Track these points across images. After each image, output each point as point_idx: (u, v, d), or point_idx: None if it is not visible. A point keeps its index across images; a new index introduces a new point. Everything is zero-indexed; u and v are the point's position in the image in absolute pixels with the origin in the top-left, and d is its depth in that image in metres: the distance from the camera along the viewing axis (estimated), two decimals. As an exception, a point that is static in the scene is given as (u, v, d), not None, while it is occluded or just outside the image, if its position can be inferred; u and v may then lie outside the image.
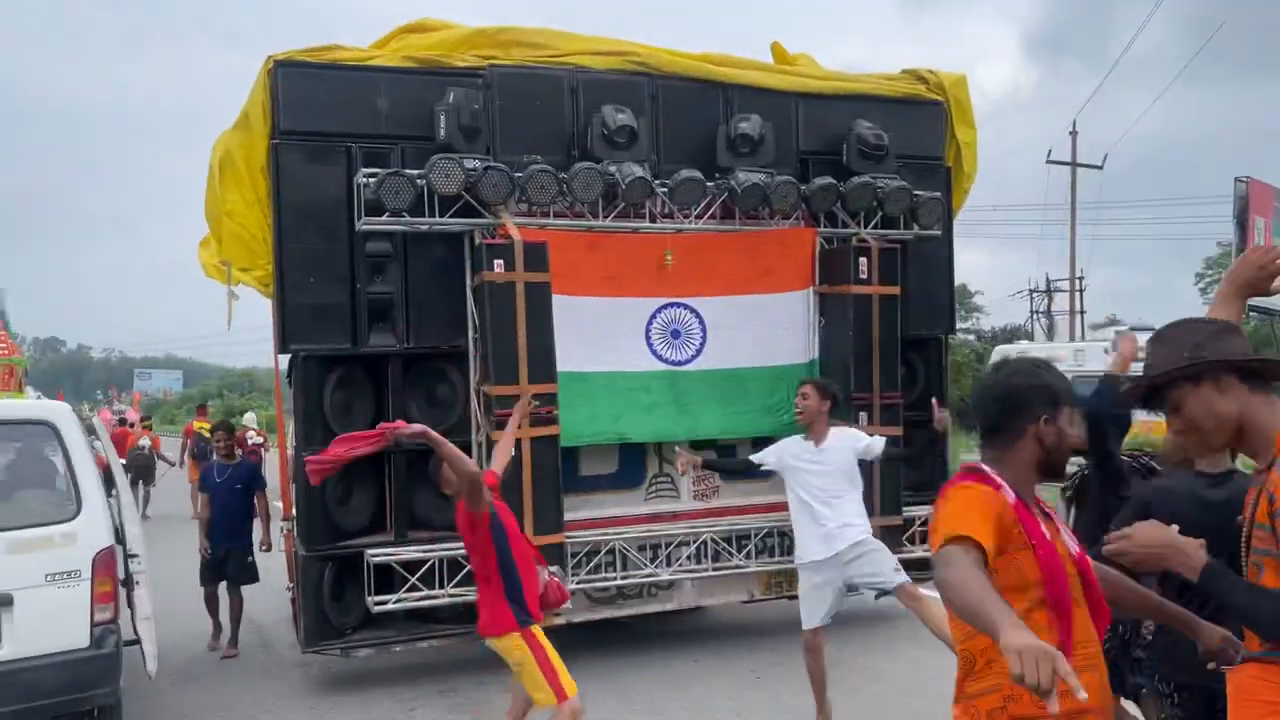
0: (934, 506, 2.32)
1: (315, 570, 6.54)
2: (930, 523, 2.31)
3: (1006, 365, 2.43)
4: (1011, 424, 2.32)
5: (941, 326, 7.95)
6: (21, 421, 5.51)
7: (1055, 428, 2.31)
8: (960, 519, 2.13)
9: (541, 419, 6.26)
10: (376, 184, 6.20)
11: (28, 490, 5.59)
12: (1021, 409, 2.31)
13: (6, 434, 5.52)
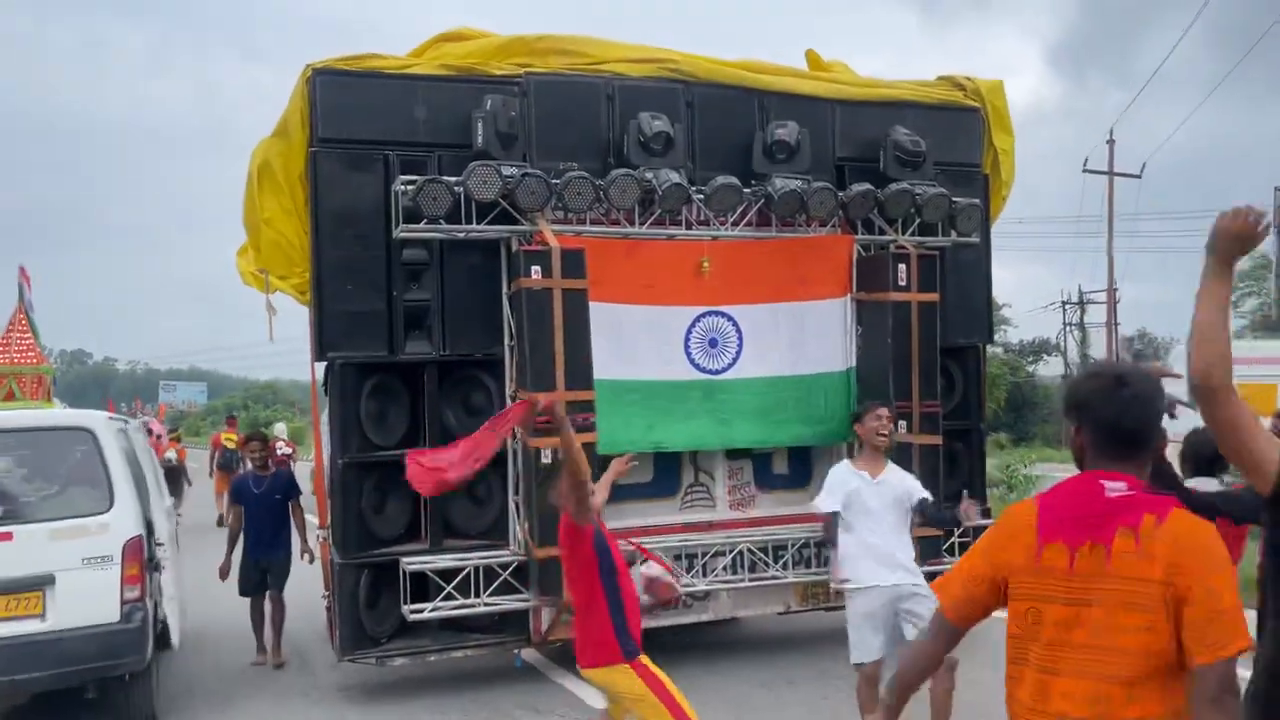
0: (1207, 557, 2.10)
1: (351, 578, 6.55)
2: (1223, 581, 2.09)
3: (1139, 378, 2.28)
4: (1153, 441, 2.30)
5: (979, 335, 7.89)
6: (66, 428, 6.38)
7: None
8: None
9: (578, 426, 6.22)
10: (415, 191, 6.22)
11: (69, 486, 6.28)
12: (1154, 426, 2.30)
13: (52, 438, 6.37)
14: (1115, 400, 2.23)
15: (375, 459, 6.63)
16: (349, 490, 6.55)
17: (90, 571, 5.83)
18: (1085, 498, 2.21)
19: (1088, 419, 2.29)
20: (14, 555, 5.72)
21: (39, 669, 5.63)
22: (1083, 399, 2.30)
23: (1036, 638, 2.20)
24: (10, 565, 5.70)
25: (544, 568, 6.22)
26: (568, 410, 6.15)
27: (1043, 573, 2.20)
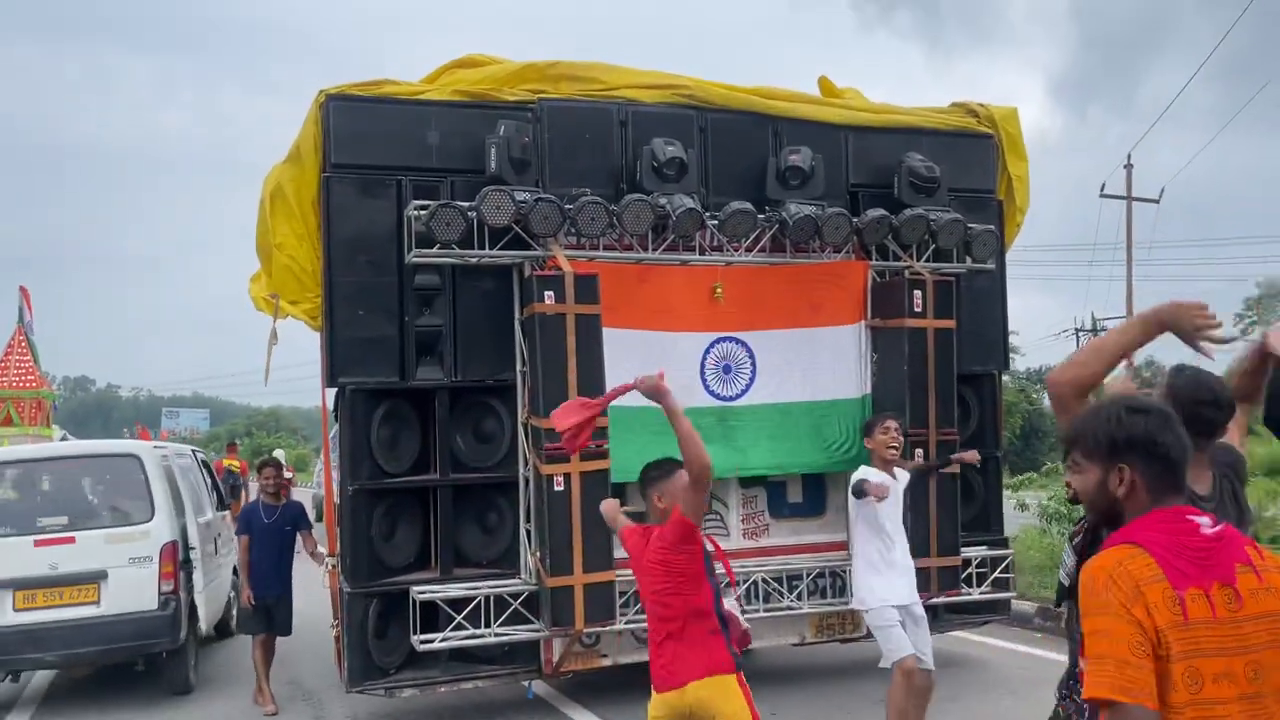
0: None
1: (360, 607, 6.49)
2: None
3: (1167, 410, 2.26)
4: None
5: (995, 362, 7.86)
6: (118, 455, 8.41)
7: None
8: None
9: (592, 453, 6.20)
10: (428, 216, 6.22)
11: (121, 500, 8.01)
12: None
13: (108, 463, 8.33)
14: (1172, 433, 2.15)
15: (386, 486, 6.60)
16: (358, 517, 6.51)
17: (135, 569, 7.49)
18: (1188, 537, 2.08)
19: (1143, 456, 2.15)
20: (76, 555, 7.42)
21: (94, 644, 7.35)
22: (1137, 437, 2.16)
23: (1213, 698, 1.97)
24: (73, 562, 7.39)
25: (556, 597, 6.16)
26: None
27: (1193, 626, 1.99)
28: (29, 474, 8.19)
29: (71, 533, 7.52)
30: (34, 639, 7.24)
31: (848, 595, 7.19)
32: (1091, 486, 2.22)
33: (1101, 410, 2.24)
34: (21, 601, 7.30)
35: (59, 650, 7.33)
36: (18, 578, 7.30)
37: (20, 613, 7.28)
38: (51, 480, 8.22)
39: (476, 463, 6.77)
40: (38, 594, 7.34)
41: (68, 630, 7.28)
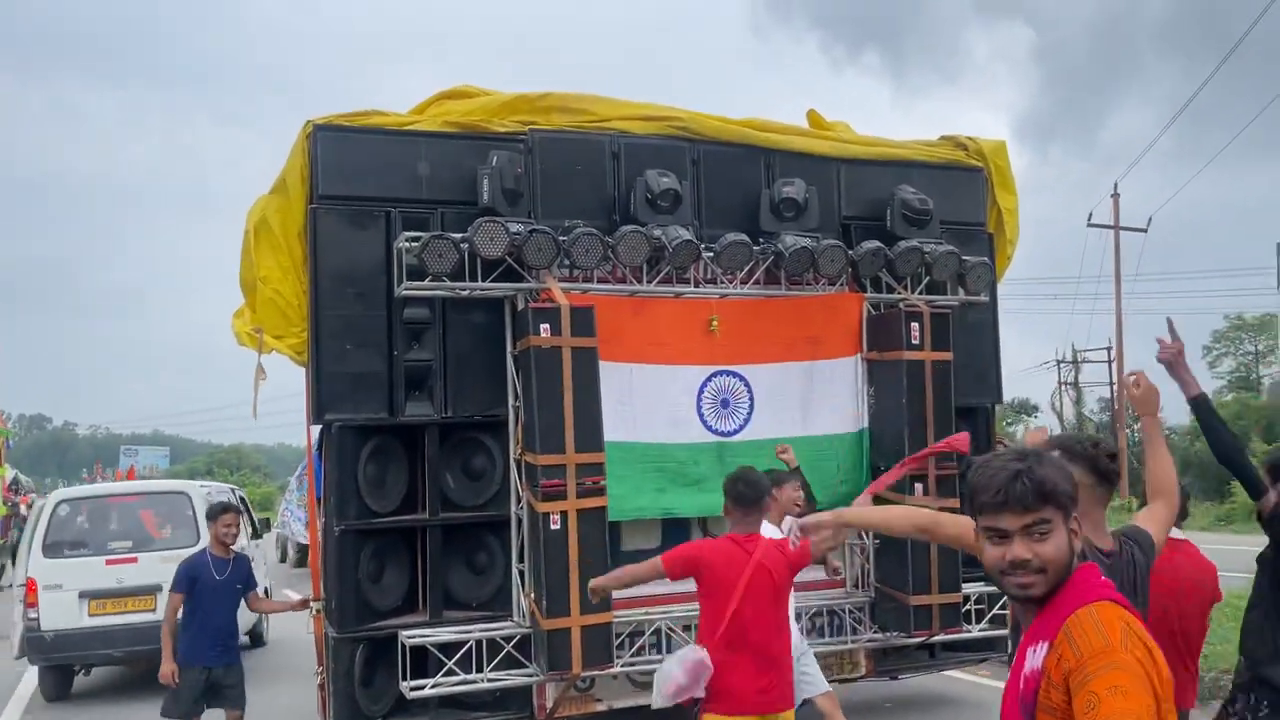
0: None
1: (346, 653, 6.27)
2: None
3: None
4: None
5: (988, 395, 7.81)
6: (172, 492, 10.79)
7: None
8: None
9: (588, 490, 6.05)
10: (420, 247, 6.08)
11: (173, 528, 10.10)
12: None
13: (163, 499, 10.54)
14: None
15: (373, 525, 6.40)
16: (345, 559, 6.30)
17: None
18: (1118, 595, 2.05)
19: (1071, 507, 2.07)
20: (138, 572, 9.44)
21: (151, 644, 7.94)
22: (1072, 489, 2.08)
23: None
24: (136, 578, 9.41)
25: (553, 640, 5.97)
26: (578, 473, 6.03)
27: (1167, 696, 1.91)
28: (100, 507, 10.36)
29: (135, 554, 9.63)
30: (104, 638, 9.25)
31: (845, 634, 7.08)
32: (1065, 547, 2.05)
33: (1048, 460, 2.09)
34: (94, 608, 9.34)
35: (123, 647, 9.29)
36: (91, 589, 9.34)
37: (93, 617, 9.32)
38: (118, 512, 10.32)
39: (467, 501, 6.59)
40: (107, 602, 9.38)
41: (130, 632, 9.23)
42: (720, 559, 4.35)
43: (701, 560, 4.38)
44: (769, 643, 4.28)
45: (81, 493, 11.26)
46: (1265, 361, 47.51)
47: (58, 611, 9.17)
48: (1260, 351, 47.54)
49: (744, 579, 4.24)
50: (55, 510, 9.91)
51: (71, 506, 10.17)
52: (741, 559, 4.31)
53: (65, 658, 9.42)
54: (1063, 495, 2.04)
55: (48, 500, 10.50)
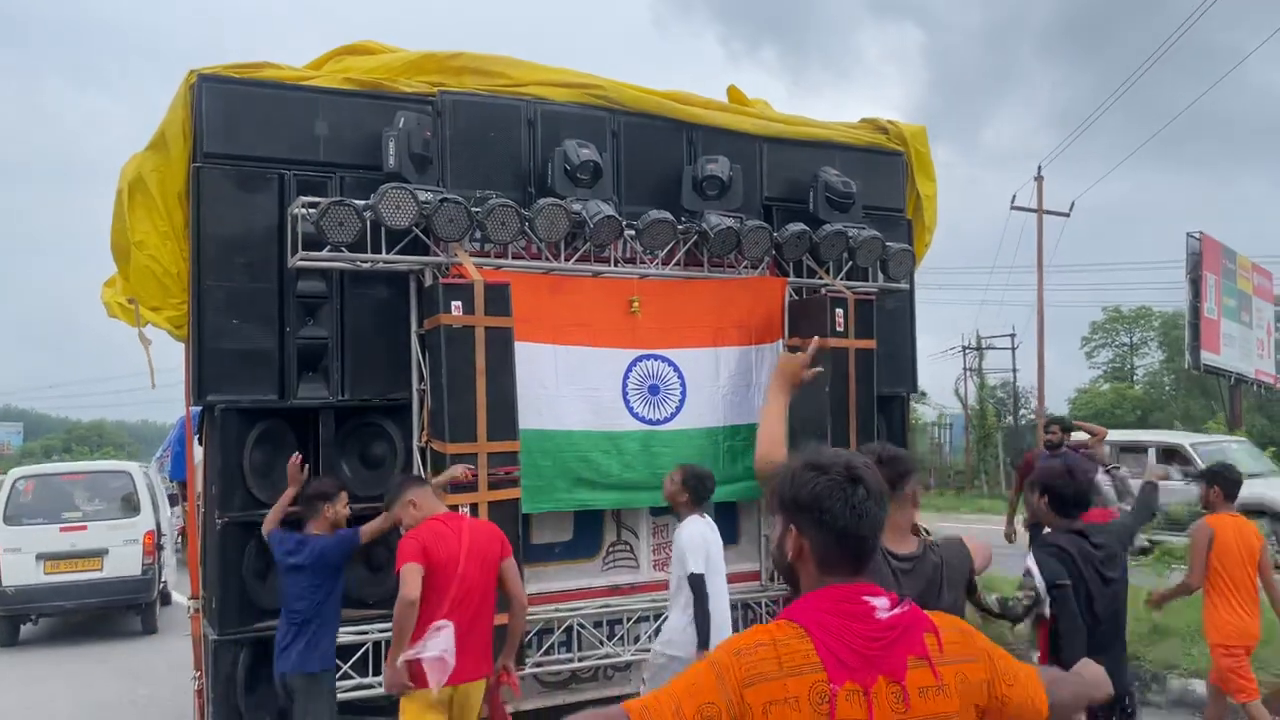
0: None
1: (228, 657, 5.70)
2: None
3: (870, 472, 1.98)
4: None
5: (905, 384, 7.64)
6: (117, 471, 12.94)
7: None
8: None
9: (500, 481, 5.61)
10: (319, 214, 5.51)
11: (117, 501, 11.99)
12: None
13: (109, 475, 12.68)
14: (844, 500, 1.87)
15: (260, 518, 5.81)
16: (228, 554, 5.72)
17: (126, 547, 11.43)
18: (859, 622, 1.82)
19: (811, 523, 1.89)
20: (88, 538, 11.38)
21: (99, 597, 11.29)
22: (803, 499, 1.90)
23: None
24: (86, 542, 11.33)
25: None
26: (490, 462, 5.59)
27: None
28: (54, 483, 12.23)
29: (85, 523, 11.55)
30: (58, 592, 11.12)
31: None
32: (774, 543, 2.02)
33: (789, 463, 2.01)
34: (49, 568, 11.13)
35: (75, 600, 11.24)
36: (48, 551, 11.16)
37: (49, 575, 11.11)
38: (69, 487, 12.21)
39: (365, 492, 6.01)
40: (61, 563, 11.17)
41: (81, 587, 11.20)
42: (436, 539, 4.60)
43: (426, 543, 4.59)
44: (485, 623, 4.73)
45: (36, 470, 13.09)
46: (1139, 353, 49.31)
47: (18, 570, 11.03)
48: (1134, 344, 49.21)
49: (462, 553, 4.59)
50: (14, 485, 11.83)
51: (30, 482, 12.05)
52: (453, 536, 4.63)
53: (24, 609, 11.29)
54: (770, 490, 2.07)
55: (7, 477, 12.33)
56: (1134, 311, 46.86)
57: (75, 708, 8.66)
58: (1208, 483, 6.08)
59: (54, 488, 12.09)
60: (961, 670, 1.85)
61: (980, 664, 1.90)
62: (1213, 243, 21.26)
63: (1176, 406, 38.66)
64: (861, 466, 1.92)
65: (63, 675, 9.85)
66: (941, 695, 1.81)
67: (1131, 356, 49.19)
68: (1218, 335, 21.13)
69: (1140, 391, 43.30)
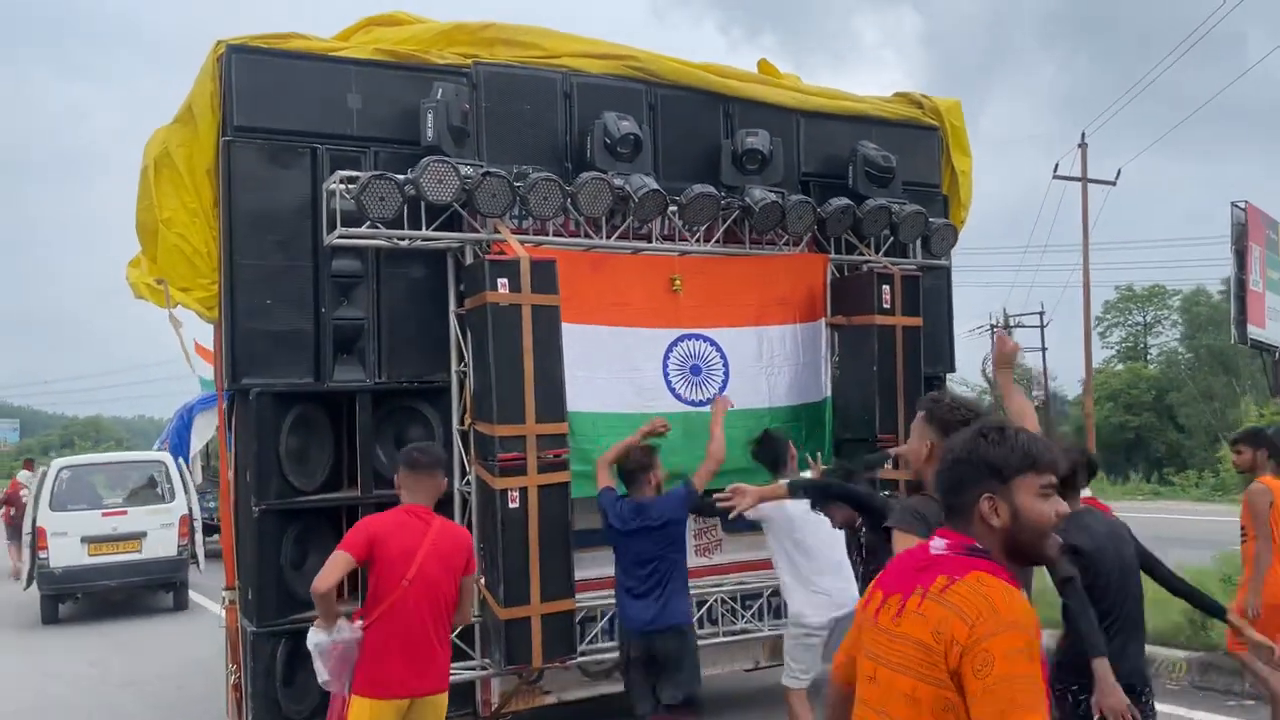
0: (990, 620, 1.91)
1: (266, 649, 5.40)
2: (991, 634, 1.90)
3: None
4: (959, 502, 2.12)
5: (943, 364, 7.37)
6: (152, 461, 13.74)
7: (1005, 504, 2.05)
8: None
9: (550, 464, 5.32)
10: (359, 189, 5.20)
11: (154, 489, 12.83)
12: (965, 485, 2.11)
13: (147, 465, 13.53)
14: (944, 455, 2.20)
15: (298, 505, 5.53)
16: (266, 544, 5.43)
17: (164, 530, 12.13)
18: (920, 551, 2.15)
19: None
20: (128, 522, 12.08)
21: (137, 576, 12.08)
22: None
23: (860, 696, 2.14)
24: (126, 526, 12.03)
25: (511, 631, 5.24)
26: (539, 446, 5.30)
27: (867, 625, 2.15)
28: (99, 471, 13.78)
29: (125, 508, 12.41)
30: (101, 572, 11.78)
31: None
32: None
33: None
34: (93, 550, 11.77)
35: (116, 579, 11.91)
36: (91, 535, 11.78)
37: (92, 557, 11.74)
38: (112, 475, 13.73)
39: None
40: (103, 545, 11.83)
41: (122, 567, 11.89)
42: (393, 530, 4.10)
43: (376, 533, 4.11)
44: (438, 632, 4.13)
45: (78, 461, 14.34)
46: (1153, 332, 47.86)
47: (64, 552, 11.63)
48: (1148, 322, 47.80)
49: (421, 551, 4.05)
50: (59, 474, 12.41)
51: (72, 472, 12.82)
52: (418, 530, 4.10)
53: (70, 588, 11.93)
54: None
55: (50, 467, 12.81)
56: (1147, 290, 45.35)
57: (118, 680, 8.84)
58: (1254, 445, 5.81)
59: (94, 476, 13.33)
60: (945, 616, 1.93)
61: (962, 628, 1.90)
62: (1257, 213, 20.05)
63: (1196, 385, 37.77)
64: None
65: (111, 647, 10.43)
66: (918, 620, 1.98)
67: (1145, 335, 47.57)
68: (1263, 308, 19.81)
69: (1156, 371, 42.32)
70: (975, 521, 2.06)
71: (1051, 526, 2.06)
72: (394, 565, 4.03)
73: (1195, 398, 34.96)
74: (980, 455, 2.08)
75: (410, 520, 4.14)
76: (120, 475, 13.56)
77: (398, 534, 4.08)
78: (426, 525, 4.13)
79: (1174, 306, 45.50)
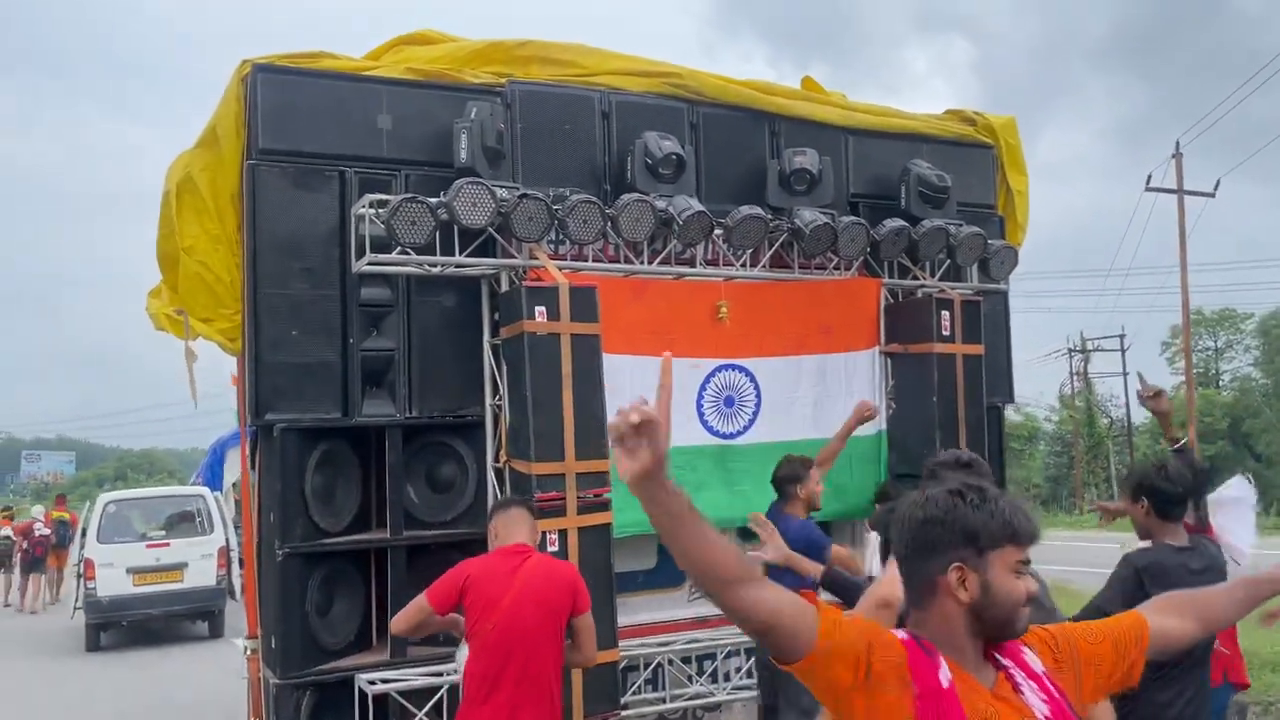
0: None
1: (290, 702, 4.94)
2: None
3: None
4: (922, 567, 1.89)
5: (1001, 394, 6.81)
6: (193, 494, 13.85)
7: (976, 576, 1.82)
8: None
9: (591, 504, 4.84)
10: (389, 213, 4.79)
11: (194, 521, 13.17)
12: (934, 550, 1.86)
13: (187, 499, 13.76)
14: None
15: (323, 548, 5.08)
16: (289, 588, 4.98)
17: (203, 561, 12.57)
18: None
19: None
20: (170, 553, 12.47)
21: (179, 605, 12.48)
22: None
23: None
24: (169, 557, 12.41)
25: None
26: (580, 485, 4.83)
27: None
28: (141, 506, 13.91)
29: (168, 540, 12.62)
30: (145, 601, 12.19)
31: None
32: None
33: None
34: (137, 580, 12.17)
35: (159, 608, 12.26)
36: (136, 565, 12.21)
37: (137, 587, 12.14)
38: (155, 508, 13.79)
39: (434, 517, 5.32)
40: (147, 575, 12.22)
41: (165, 596, 12.27)
42: (482, 573, 3.79)
43: (469, 578, 3.78)
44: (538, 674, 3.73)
45: (124, 495, 14.98)
46: (1225, 356, 45.64)
47: (111, 582, 12.04)
48: (1219, 347, 45.48)
49: (508, 596, 3.71)
50: (105, 508, 12.95)
51: (118, 506, 13.37)
52: (507, 572, 3.77)
53: (116, 616, 12.28)
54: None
55: (98, 501, 13.32)
56: (1217, 313, 42.77)
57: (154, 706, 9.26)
58: None
59: (139, 509, 13.81)
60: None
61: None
62: None
63: (1273, 412, 35.97)
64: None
65: (146, 678, 10.70)
66: None
67: (1217, 361, 45.00)
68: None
69: (1230, 398, 40.26)
70: (935, 593, 1.83)
71: (1022, 606, 1.84)
72: (481, 610, 3.74)
73: (1275, 425, 33.25)
74: (958, 519, 1.83)
75: (500, 562, 3.83)
76: (162, 508, 13.90)
77: (485, 578, 3.78)
78: (517, 567, 3.79)
79: (1247, 330, 42.78)
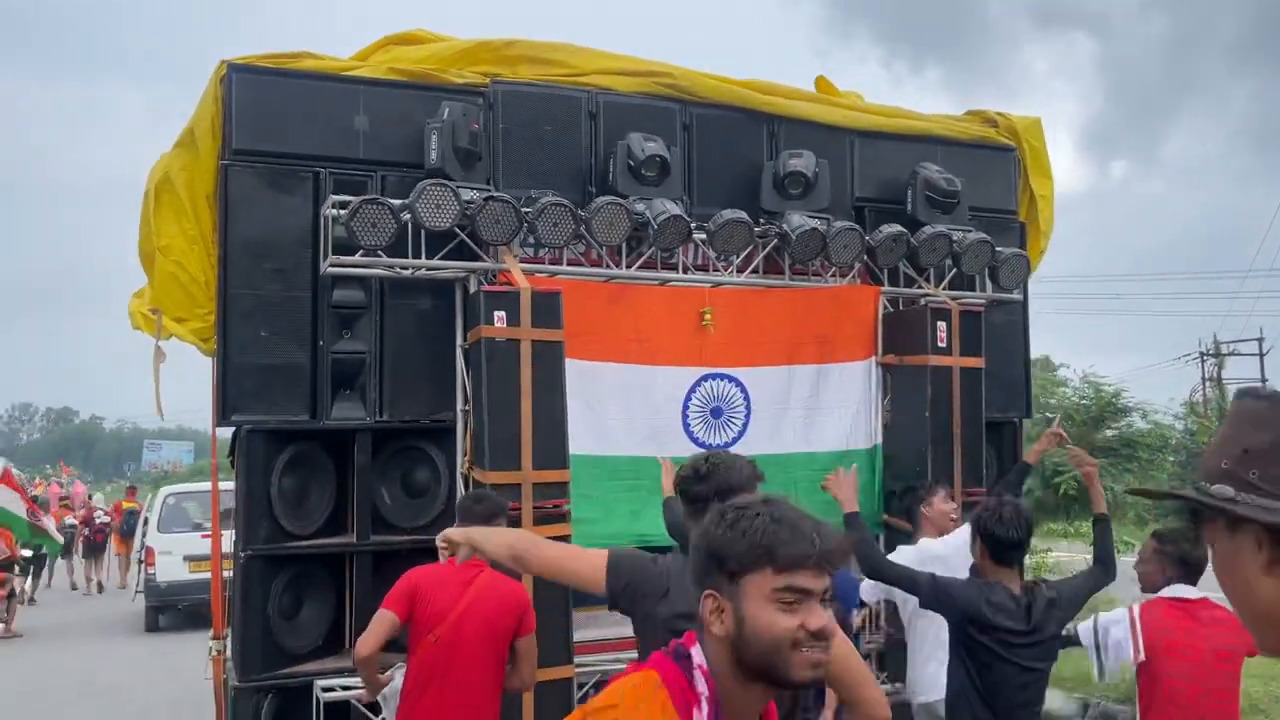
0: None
1: (250, 706, 4.79)
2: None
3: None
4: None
5: (1017, 409, 6.31)
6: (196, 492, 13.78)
7: (731, 606, 1.54)
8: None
9: (549, 515, 4.57)
10: (349, 214, 4.60)
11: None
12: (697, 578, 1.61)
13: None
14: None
15: (290, 550, 4.92)
16: (252, 590, 4.83)
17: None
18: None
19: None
20: (225, 541, 10.00)
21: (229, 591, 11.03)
22: None
23: None
24: (224, 546, 10.11)
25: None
26: (536, 495, 4.56)
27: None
28: (196, 498, 13.56)
29: (222, 529, 12.35)
30: (199, 587, 11.29)
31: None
32: None
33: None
34: (193, 567, 12.21)
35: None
36: (192, 553, 12.22)
37: (192, 573, 12.15)
38: (208, 502, 13.40)
39: (404, 522, 5.11)
40: (202, 563, 11.62)
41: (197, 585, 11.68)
42: (433, 585, 3.62)
43: (417, 586, 3.62)
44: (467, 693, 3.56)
45: (182, 488, 14.94)
46: None
47: (169, 569, 12.50)
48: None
49: (455, 610, 3.55)
50: (164, 500, 13.64)
51: (176, 498, 13.85)
52: (458, 585, 3.59)
53: (174, 599, 12.74)
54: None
55: (158, 494, 14.18)
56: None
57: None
58: None
59: (195, 502, 14.00)
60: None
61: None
62: None
63: None
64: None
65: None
66: None
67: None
68: None
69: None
70: (705, 625, 1.58)
71: (787, 644, 1.50)
72: (425, 623, 3.59)
73: None
74: (706, 540, 1.59)
75: (453, 574, 3.61)
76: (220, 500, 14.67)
77: (436, 589, 3.61)
78: (468, 582, 3.61)
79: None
